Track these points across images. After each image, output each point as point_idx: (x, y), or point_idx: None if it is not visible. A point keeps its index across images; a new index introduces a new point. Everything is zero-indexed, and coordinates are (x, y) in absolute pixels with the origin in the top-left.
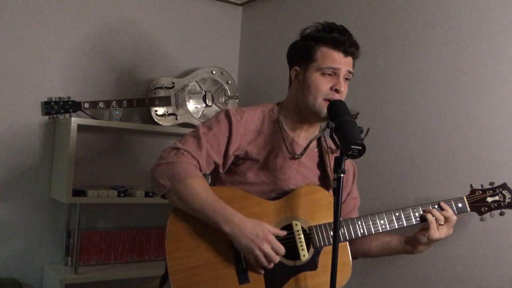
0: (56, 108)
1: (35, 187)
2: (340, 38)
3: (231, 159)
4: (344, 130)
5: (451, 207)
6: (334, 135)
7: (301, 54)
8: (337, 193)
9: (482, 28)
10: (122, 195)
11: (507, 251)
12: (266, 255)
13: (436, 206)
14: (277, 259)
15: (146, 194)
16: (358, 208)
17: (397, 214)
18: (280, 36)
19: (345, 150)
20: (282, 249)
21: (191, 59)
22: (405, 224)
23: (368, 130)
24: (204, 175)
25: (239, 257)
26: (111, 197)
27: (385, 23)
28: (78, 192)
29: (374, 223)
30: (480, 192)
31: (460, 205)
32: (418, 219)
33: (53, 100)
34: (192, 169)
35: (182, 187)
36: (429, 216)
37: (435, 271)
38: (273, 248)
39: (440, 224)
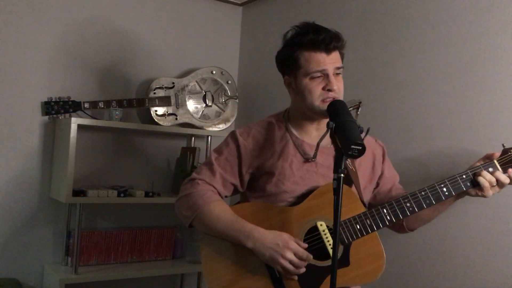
0: (56, 108)
1: (35, 187)
2: (317, 38)
3: (246, 177)
4: (344, 130)
5: None
6: (334, 135)
7: (286, 63)
8: (337, 193)
9: (482, 28)
10: (122, 195)
11: (507, 251)
12: (291, 263)
13: (469, 173)
14: (302, 264)
15: (146, 194)
16: (398, 182)
17: (423, 193)
18: (280, 36)
19: (345, 150)
20: (305, 253)
21: (191, 59)
22: (433, 202)
23: (368, 130)
24: (226, 197)
25: (272, 268)
26: (111, 197)
27: (385, 23)
28: (78, 192)
29: (400, 208)
30: None
31: (491, 169)
32: (446, 193)
33: (53, 100)
34: (208, 195)
35: (202, 214)
36: (481, 180)
37: (435, 271)
38: (296, 255)
39: (492, 186)
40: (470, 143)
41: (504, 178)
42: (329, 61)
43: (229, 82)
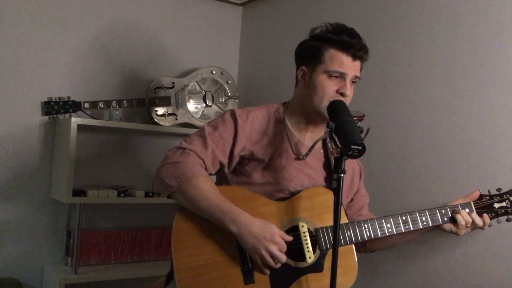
0: (56, 108)
1: (35, 187)
2: (350, 41)
3: (236, 159)
4: (344, 130)
5: None
6: (334, 135)
7: (309, 55)
8: (337, 193)
9: (482, 28)
10: (122, 195)
11: (507, 250)
12: (272, 256)
13: (448, 210)
14: (283, 259)
15: (146, 194)
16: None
17: (403, 218)
18: (280, 36)
19: (345, 150)
20: (285, 249)
21: (191, 59)
22: (411, 228)
23: (368, 130)
24: (210, 174)
25: (245, 257)
26: (111, 197)
27: (385, 23)
28: (78, 192)
29: (381, 226)
30: (487, 197)
31: (467, 210)
32: (424, 223)
33: (53, 100)
34: (198, 169)
35: (188, 186)
36: (459, 217)
37: (435, 271)
38: (280, 250)
39: (467, 226)
40: (470, 143)
41: (479, 220)
42: (352, 66)
43: (229, 82)
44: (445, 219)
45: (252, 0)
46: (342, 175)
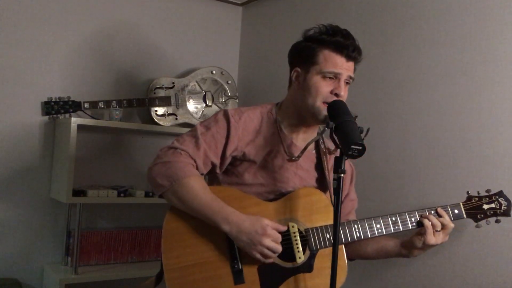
0: (56, 108)
1: (35, 187)
2: (344, 42)
3: (228, 159)
4: (344, 130)
5: (448, 213)
6: (334, 135)
7: (303, 56)
8: (337, 193)
9: (482, 28)
10: (122, 195)
11: (507, 250)
12: (268, 248)
13: (433, 212)
14: (279, 249)
15: (146, 194)
16: (356, 209)
17: (393, 218)
18: (280, 36)
19: (345, 150)
20: (280, 238)
21: (191, 59)
22: (401, 229)
23: (368, 130)
24: (202, 175)
25: (235, 257)
26: (111, 197)
27: (385, 23)
28: (78, 192)
29: (371, 227)
30: (477, 199)
31: (456, 211)
32: (414, 224)
33: (53, 100)
34: (189, 169)
35: (180, 186)
36: (425, 221)
37: (435, 271)
38: (273, 240)
39: (436, 230)
40: (471, 143)
41: (448, 221)
42: (346, 67)
43: (229, 82)
44: (413, 220)
45: (252, 0)
46: (342, 175)
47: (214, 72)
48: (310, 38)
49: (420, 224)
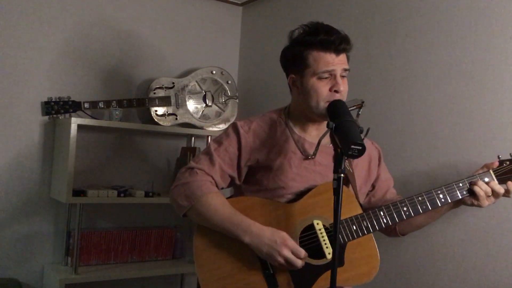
0: (56, 108)
1: (35, 187)
2: (328, 39)
3: (245, 170)
4: (344, 130)
5: None
6: (334, 135)
7: (294, 61)
8: (337, 193)
9: (482, 28)
10: (122, 195)
11: (507, 250)
12: (287, 260)
13: (466, 182)
14: (298, 262)
15: (146, 194)
16: (393, 187)
17: (420, 198)
18: (280, 36)
19: (345, 150)
20: (302, 252)
21: (191, 59)
22: (429, 208)
23: (368, 130)
24: (222, 188)
25: (265, 263)
26: (111, 197)
27: (385, 22)
28: (78, 192)
29: (397, 211)
30: (508, 163)
31: (486, 179)
32: (442, 200)
33: (53, 100)
34: (207, 186)
35: (199, 205)
36: (476, 189)
37: (435, 271)
38: (293, 252)
39: (488, 196)
40: (471, 143)
41: (498, 188)
42: (338, 62)
43: (229, 82)
44: (464, 192)
45: (252, 0)
46: (342, 175)
47: (214, 72)
48: (296, 42)
49: (471, 192)
